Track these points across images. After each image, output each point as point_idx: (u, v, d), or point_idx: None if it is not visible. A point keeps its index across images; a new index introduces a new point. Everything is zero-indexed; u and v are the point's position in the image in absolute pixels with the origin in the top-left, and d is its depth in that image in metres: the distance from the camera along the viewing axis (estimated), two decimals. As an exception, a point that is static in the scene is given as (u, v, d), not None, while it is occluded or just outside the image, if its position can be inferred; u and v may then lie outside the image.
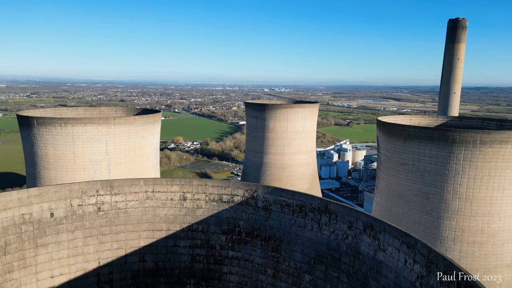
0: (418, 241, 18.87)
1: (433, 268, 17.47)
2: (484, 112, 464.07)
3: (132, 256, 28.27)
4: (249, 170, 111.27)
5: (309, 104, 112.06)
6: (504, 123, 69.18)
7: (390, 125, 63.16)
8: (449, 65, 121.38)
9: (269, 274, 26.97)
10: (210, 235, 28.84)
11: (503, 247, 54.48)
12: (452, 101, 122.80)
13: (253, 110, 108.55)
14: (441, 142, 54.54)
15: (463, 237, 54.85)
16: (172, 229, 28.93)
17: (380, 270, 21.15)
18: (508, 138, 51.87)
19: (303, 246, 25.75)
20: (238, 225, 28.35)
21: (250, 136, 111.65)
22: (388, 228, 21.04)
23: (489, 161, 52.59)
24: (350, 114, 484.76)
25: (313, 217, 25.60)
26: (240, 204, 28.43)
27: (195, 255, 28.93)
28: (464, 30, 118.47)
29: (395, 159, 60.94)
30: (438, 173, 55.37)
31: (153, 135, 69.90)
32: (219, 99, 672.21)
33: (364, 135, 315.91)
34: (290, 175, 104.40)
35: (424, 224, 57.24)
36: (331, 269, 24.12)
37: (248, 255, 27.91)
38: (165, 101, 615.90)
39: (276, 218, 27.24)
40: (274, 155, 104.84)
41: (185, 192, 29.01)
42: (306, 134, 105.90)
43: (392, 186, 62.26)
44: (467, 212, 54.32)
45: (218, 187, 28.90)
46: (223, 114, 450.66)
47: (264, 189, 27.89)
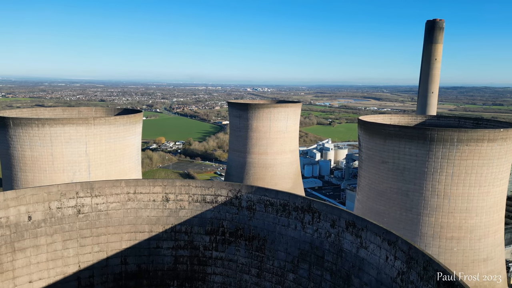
0: (398, 238, 19.28)
1: (413, 264, 17.89)
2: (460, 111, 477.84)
3: (113, 258, 27.78)
4: (233, 170, 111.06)
5: (292, 104, 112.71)
6: (479, 121, 71.39)
7: (371, 124, 64.26)
8: (427, 65, 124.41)
9: (253, 274, 27.01)
10: (194, 236, 28.64)
11: (480, 242, 56.23)
12: (430, 100, 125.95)
13: (236, 109, 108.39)
14: (420, 141, 55.85)
15: (442, 233, 56.33)
16: (155, 230, 28.59)
17: (362, 267, 21.50)
18: (484, 136, 53.57)
19: (286, 245, 25.91)
20: (222, 225, 28.27)
21: (233, 136, 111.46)
22: (370, 225, 21.41)
23: (465, 158, 54.18)
24: (332, 113, 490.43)
25: (296, 216, 25.78)
26: (223, 204, 28.35)
27: (179, 256, 28.68)
28: (441, 31, 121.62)
29: (376, 158, 62.04)
30: (417, 171, 56.69)
31: (135, 135, 68.87)
32: (201, 99, 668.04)
33: (346, 134, 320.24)
34: (273, 175, 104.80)
35: (404, 221, 58.49)
36: (314, 267, 24.36)
37: (232, 255, 27.87)
38: (147, 101, 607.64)
39: (260, 218, 27.30)
40: (257, 154, 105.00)
41: (168, 193, 28.71)
42: (289, 134, 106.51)
43: (373, 184, 63.36)
44: (445, 209, 55.82)
45: (202, 187, 28.74)
46: (206, 114, 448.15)
47: (248, 188, 27.90)
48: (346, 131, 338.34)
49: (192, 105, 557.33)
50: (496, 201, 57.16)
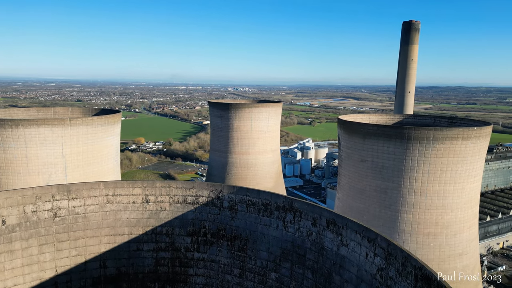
0: (378, 235, 19.65)
1: (392, 260, 18.28)
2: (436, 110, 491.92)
3: (92, 262, 27.16)
4: (214, 170, 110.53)
5: (273, 104, 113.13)
6: (454, 120, 73.67)
7: (350, 124, 65.27)
8: (404, 66, 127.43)
9: (236, 274, 26.97)
10: (175, 237, 28.34)
11: (455, 237, 58.04)
12: (407, 100, 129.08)
13: (217, 109, 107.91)
14: (398, 139, 57.15)
15: (419, 229, 57.83)
16: (135, 232, 28.12)
17: (343, 264, 21.81)
18: (458, 134, 55.31)
19: (268, 244, 26.00)
20: (204, 226, 28.10)
21: (214, 135, 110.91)
22: (350, 223, 21.74)
23: (441, 156, 55.81)
24: (312, 113, 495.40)
25: (278, 215, 25.90)
26: (205, 205, 28.18)
27: (160, 259, 28.31)
28: (417, 32, 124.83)
29: (355, 156, 63.08)
30: (395, 169, 57.99)
31: (113, 136, 67.53)
32: (182, 99, 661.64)
33: (326, 133, 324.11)
34: (255, 174, 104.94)
35: (383, 218, 59.72)
36: (296, 266, 24.54)
37: (214, 256, 27.74)
38: (125, 101, 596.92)
39: (241, 218, 27.28)
40: (239, 154, 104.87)
41: (148, 194, 28.30)
42: (270, 133, 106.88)
43: (353, 182, 64.39)
44: (422, 205, 57.33)
45: (183, 188, 28.46)
46: (187, 114, 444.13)
47: (230, 189, 27.84)
48: (326, 130, 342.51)
49: (172, 105, 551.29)
50: (470, 197, 59.13)
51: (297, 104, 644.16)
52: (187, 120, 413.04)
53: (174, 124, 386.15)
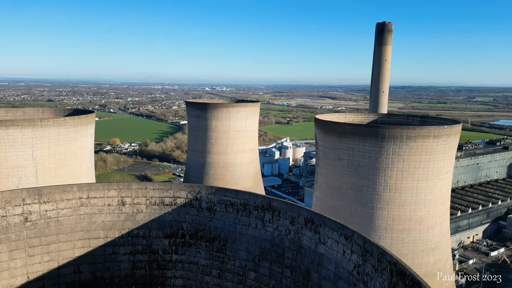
0: (354, 232, 20.05)
1: (368, 256, 18.70)
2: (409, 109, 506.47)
3: (66, 267, 26.35)
4: (192, 170, 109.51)
5: (251, 103, 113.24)
6: (426, 119, 76.10)
7: (327, 123, 66.25)
8: (378, 66, 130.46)
9: (214, 275, 26.85)
10: (152, 239, 27.91)
11: (428, 232, 59.98)
12: (381, 99, 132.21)
13: (195, 109, 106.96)
14: (373, 138, 58.48)
15: (394, 225, 59.41)
16: (111, 236, 27.48)
17: (321, 262, 22.12)
18: (430, 133, 57.18)
19: (247, 244, 26.03)
20: (182, 227, 27.80)
21: (192, 135, 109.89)
22: (328, 221, 22.08)
23: (414, 154, 57.53)
24: (290, 112, 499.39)
25: (257, 215, 25.97)
26: (183, 206, 27.89)
27: (137, 262, 27.80)
28: (390, 33, 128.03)
29: (332, 155, 64.07)
30: (370, 167, 59.31)
31: (87, 137, 65.75)
32: (158, 98, 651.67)
33: (303, 132, 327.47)
34: (233, 174, 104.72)
35: (360, 215, 60.98)
36: (275, 265, 24.69)
37: (193, 258, 27.51)
38: (99, 101, 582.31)
39: (220, 218, 27.18)
40: (217, 154, 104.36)
41: (124, 196, 27.72)
42: (248, 133, 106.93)
43: (330, 181, 65.38)
44: (397, 202, 58.93)
45: (160, 189, 28.05)
46: (163, 114, 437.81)
47: (208, 189, 27.67)
48: (304, 130, 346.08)
49: (148, 105, 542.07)
50: (442, 194, 61.27)
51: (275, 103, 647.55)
52: (163, 120, 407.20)
53: (150, 124, 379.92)
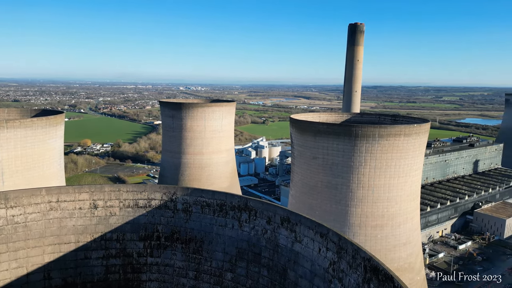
0: (329, 230, 20.38)
1: (343, 253, 19.06)
2: (380, 108, 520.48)
3: (35, 274, 25.33)
4: (167, 171, 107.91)
5: (226, 103, 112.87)
6: (397, 118, 78.41)
7: (302, 122, 67.02)
8: (350, 66, 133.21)
9: (191, 277, 26.59)
10: (126, 243, 27.28)
11: (399, 228, 61.86)
12: (354, 98, 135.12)
13: (169, 109, 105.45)
14: (346, 137, 59.68)
15: (367, 222, 60.88)
16: (82, 240, 26.65)
17: (297, 260, 22.35)
18: (400, 131, 58.98)
19: (224, 245, 25.93)
20: (157, 229, 27.34)
21: (166, 136, 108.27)
22: (303, 220, 22.33)
23: (386, 152, 59.17)
24: (265, 112, 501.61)
25: (233, 215, 25.92)
26: (158, 208, 27.43)
27: (110, 266, 27.10)
28: (362, 34, 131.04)
29: (307, 154, 64.89)
30: (344, 165, 60.50)
31: (56, 138, 63.47)
32: (131, 98, 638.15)
33: (279, 132, 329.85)
34: (209, 175, 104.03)
35: (334, 213, 62.09)
36: (252, 265, 24.73)
37: (169, 260, 27.12)
38: (69, 101, 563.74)
39: (196, 219, 26.93)
40: (192, 155, 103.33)
41: (96, 199, 26.94)
42: (224, 133, 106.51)
43: (305, 179, 66.18)
44: (370, 199, 60.43)
45: (133, 191, 27.45)
46: (136, 114, 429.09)
47: (183, 190, 27.35)
48: (279, 129, 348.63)
49: (121, 105, 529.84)
50: (412, 190, 63.35)
51: (250, 103, 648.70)
52: (137, 121, 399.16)
53: (123, 125, 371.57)
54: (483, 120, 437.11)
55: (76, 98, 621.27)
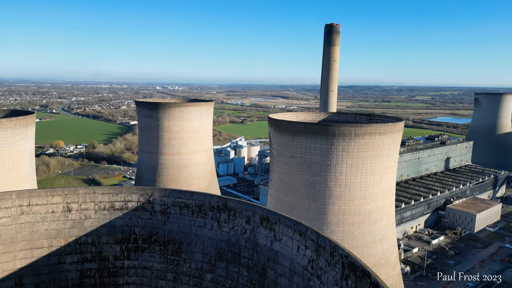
0: (308, 228, 20.61)
1: (321, 251, 19.32)
2: (356, 108, 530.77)
3: (6, 280, 24.35)
4: (144, 172, 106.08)
5: (204, 103, 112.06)
6: (372, 117, 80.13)
7: (280, 122, 67.43)
8: (327, 66, 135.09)
9: (170, 279, 26.27)
10: (102, 246, 26.65)
11: (376, 224, 63.28)
12: (330, 98, 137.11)
13: (146, 109, 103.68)
14: (323, 136, 60.50)
15: (344, 219, 61.96)
16: (56, 245, 25.84)
17: (276, 259, 22.48)
18: (376, 130, 60.33)
19: (203, 245, 25.76)
20: (134, 232, 26.85)
21: (143, 136, 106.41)
22: (282, 219, 22.48)
23: (362, 150, 60.38)
24: (244, 112, 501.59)
25: (212, 215, 25.78)
26: (135, 210, 26.93)
27: (85, 270, 26.39)
28: (338, 34, 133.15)
29: (286, 153, 65.36)
30: (322, 164, 61.32)
31: (26, 139, 61.19)
32: (105, 98, 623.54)
33: (258, 131, 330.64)
34: (188, 175, 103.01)
35: (313, 211, 62.83)
36: (231, 265, 24.68)
37: (146, 262, 26.69)
38: (40, 101, 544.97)
39: (175, 221, 26.63)
40: (170, 155, 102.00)
41: (70, 202, 26.17)
42: (202, 133, 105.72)
43: (284, 178, 66.64)
44: (347, 197, 61.51)
45: (109, 194, 26.84)
46: (111, 114, 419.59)
47: (161, 192, 26.97)
48: (258, 129, 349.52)
49: (95, 105, 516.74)
50: (387, 187, 64.94)
51: (229, 103, 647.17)
52: (112, 121, 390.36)
53: (98, 125, 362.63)
54: (454, 119, 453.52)
55: (48, 98, 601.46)
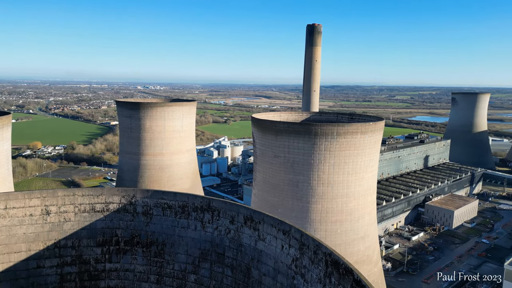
0: (292, 227, 20.75)
1: (305, 250, 19.48)
2: (338, 107, 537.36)
3: (-20, 288, 23.53)
4: (125, 173, 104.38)
5: (187, 102, 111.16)
6: (353, 116, 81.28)
7: (263, 122, 67.58)
8: (309, 66, 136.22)
9: (153, 281, 25.96)
10: (83, 249, 26.09)
11: (358, 222, 64.24)
12: (313, 98, 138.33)
13: (127, 109, 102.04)
14: (306, 135, 60.99)
15: (327, 217, 62.65)
16: (34, 248, 25.14)
17: (260, 258, 22.53)
18: (357, 129, 61.24)
19: (187, 246, 25.57)
20: (116, 234, 26.39)
21: (124, 137, 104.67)
22: (266, 218, 22.55)
23: (344, 149, 61.18)
24: (227, 111, 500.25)
25: (196, 216, 25.62)
26: (116, 211, 26.48)
27: (65, 274, 25.79)
28: (320, 35, 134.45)
29: (269, 153, 65.56)
30: (305, 163, 61.81)
31: (2, 141, 59.30)
32: (85, 98, 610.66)
33: (241, 131, 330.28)
34: (170, 176, 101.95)
35: (296, 209, 63.26)
36: (215, 265, 24.59)
37: (129, 265, 26.28)
38: (16, 101, 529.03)
39: (157, 222, 26.32)
40: (152, 156, 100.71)
41: (49, 205, 25.51)
42: (185, 133, 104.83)
43: (267, 178, 66.83)
44: (329, 195, 62.21)
45: (90, 195, 26.31)
46: (91, 114, 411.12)
47: (143, 193, 26.61)
48: (241, 128, 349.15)
49: (74, 105, 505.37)
50: (369, 186, 66.01)
51: (212, 102, 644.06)
52: (92, 121, 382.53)
53: (77, 126, 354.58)
54: (432, 118, 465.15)
55: (24, 98, 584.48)
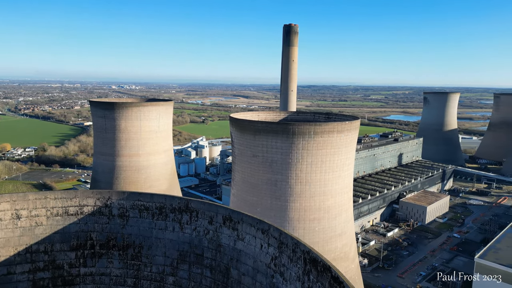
0: (270, 226, 20.84)
1: (284, 248, 19.62)
2: (315, 107, 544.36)
3: None
4: (100, 175, 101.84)
5: (163, 102, 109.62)
6: (330, 115, 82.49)
7: (241, 121, 67.54)
8: (286, 66, 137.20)
9: (129, 284, 25.45)
10: (56, 254, 25.26)
11: (335, 220, 65.28)
12: (290, 97, 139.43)
13: (101, 109, 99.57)
14: (284, 135, 61.43)
15: (306, 215, 63.33)
16: (4, 254, 24.13)
17: (240, 258, 22.51)
18: (334, 128, 62.20)
19: (165, 248, 25.22)
20: (90, 237, 25.70)
21: (98, 138, 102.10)
22: (245, 217, 22.56)
23: (321, 148, 62.01)
24: (205, 111, 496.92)
25: (174, 217, 25.31)
26: (91, 214, 25.79)
27: (38, 280, 24.90)
28: (296, 35, 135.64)
29: (248, 152, 65.59)
30: (283, 162, 62.23)
31: (-33, 143, 56.45)
32: (56, 98, 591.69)
33: (219, 131, 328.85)
34: (147, 177, 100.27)
35: (275, 208, 63.61)
36: (194, 266, 24.39)
37: (104, 269, 25.66)
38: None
39: (134, 224, 25.82)
40: (128, 157, 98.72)
41: (19, 209, 24.55)
42: (161, 133, 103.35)
43: (246, 177, 66.85)
44: (307, 194, 62.91)
45: (62, 198, 25.50)
46: (63, 115, 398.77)
47: (119, 195, 26.04)
48: (219, 128, 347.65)
49: (45, 105, 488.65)
50: (346, 183, 67.20)
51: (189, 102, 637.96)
52: (64, 122, 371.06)
53: (49, 127, 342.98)
54: (405, 117, 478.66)
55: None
